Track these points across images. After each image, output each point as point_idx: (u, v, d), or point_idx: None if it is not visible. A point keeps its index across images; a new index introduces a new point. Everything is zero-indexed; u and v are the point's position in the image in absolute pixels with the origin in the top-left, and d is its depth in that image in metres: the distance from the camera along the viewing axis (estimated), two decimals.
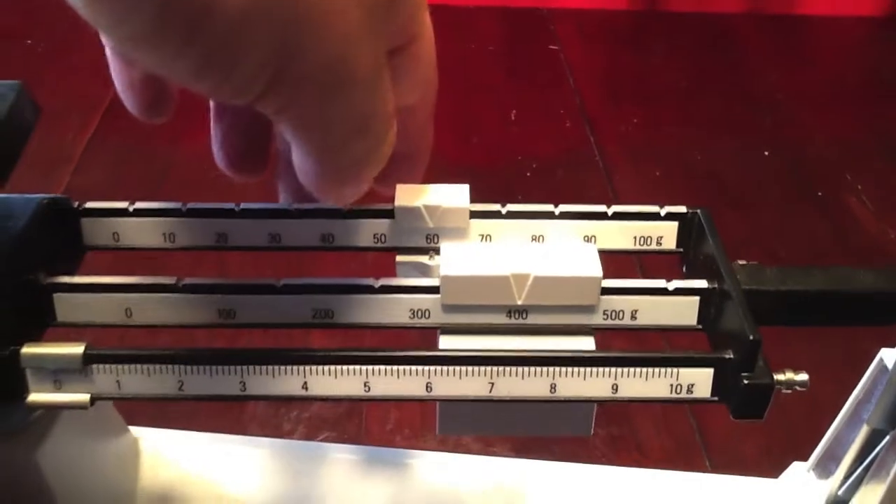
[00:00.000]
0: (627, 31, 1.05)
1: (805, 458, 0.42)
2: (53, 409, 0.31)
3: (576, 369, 0.27)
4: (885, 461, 0.36)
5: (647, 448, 0.49)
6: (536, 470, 0.42)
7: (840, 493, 0.40)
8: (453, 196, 0.31)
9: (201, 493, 0.40)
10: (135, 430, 0.40)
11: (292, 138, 0.24)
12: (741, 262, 0.31)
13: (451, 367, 0.27)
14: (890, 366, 0.36)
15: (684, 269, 0.33)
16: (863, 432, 0.38)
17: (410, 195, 0.31)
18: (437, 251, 0.31)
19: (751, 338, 0.26)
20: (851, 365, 0.38)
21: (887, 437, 0.36)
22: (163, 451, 0.40)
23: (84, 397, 0.27)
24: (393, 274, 0.31)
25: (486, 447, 0.43)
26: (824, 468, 0.41)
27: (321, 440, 0.45)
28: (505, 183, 0.75)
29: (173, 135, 0.80)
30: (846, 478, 0.39)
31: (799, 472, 0.43)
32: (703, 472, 0.49)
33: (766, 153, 0.83)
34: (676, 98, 0.91)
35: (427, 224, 0.31)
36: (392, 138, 0.26)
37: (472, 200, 0.31)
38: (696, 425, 0.50)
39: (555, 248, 0.29)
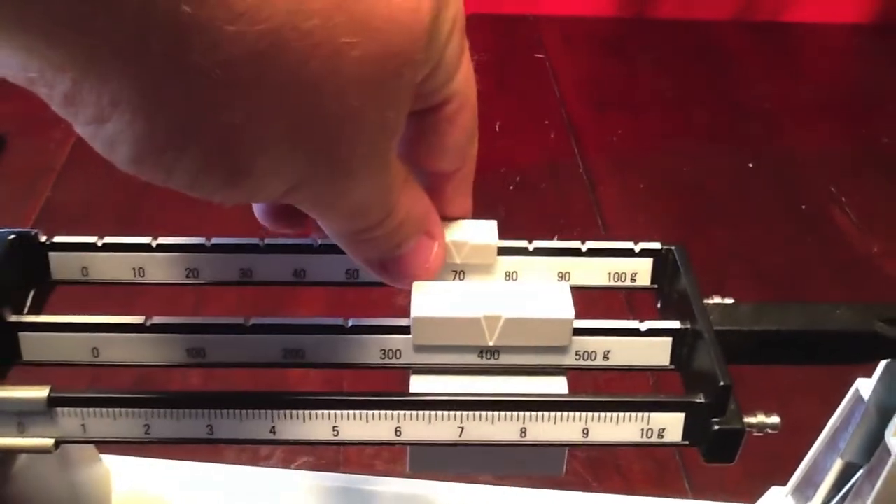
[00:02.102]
0: (614, 38, 1.05)
1: (784, 482, 0.42)
2: (15, 453, 0.30)
3: (546, 413, 0.27)
4: (861, 491, 0.36)
5: (627, 471, 0.49)
6: (516, 497, 0.42)
7: None
8: (481, 232, 0.31)
9: None
10: (107, 459, 0.40)
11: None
12: (716, 298, 0.31)
13: (420, 412, 0.27)
14: (865, 396, 0.36)
15: (659, 305, 0.32)
16: (839, 461, 0.38)
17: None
18: None
19: (721, 383, 0.26)
20: (834, 387, 0.38)
21: (862, 470, 0.36)
22: (136, 481, 0.40)
23: (48, 441, 0.27)
24: (367, 312, 0.30)
25: (468, 474, 0.43)
26: (802, 494, 0.41)
27: (298, 466, 0.45)
28: (489, 196, 0.75)
29: None
30: None
31: (777, 497, 0.43)
32: (683, 495, 0.49)
33: (751, 165, 0.83)
34: (662, 108, 0.91)
35: (454, 260, 0.30)
36: (397, 221, 0.25)
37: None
38: (677, 449, 0.50)
39: (527, 288, 0.29)
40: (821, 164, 0.84)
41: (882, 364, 0.34)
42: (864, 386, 0.36)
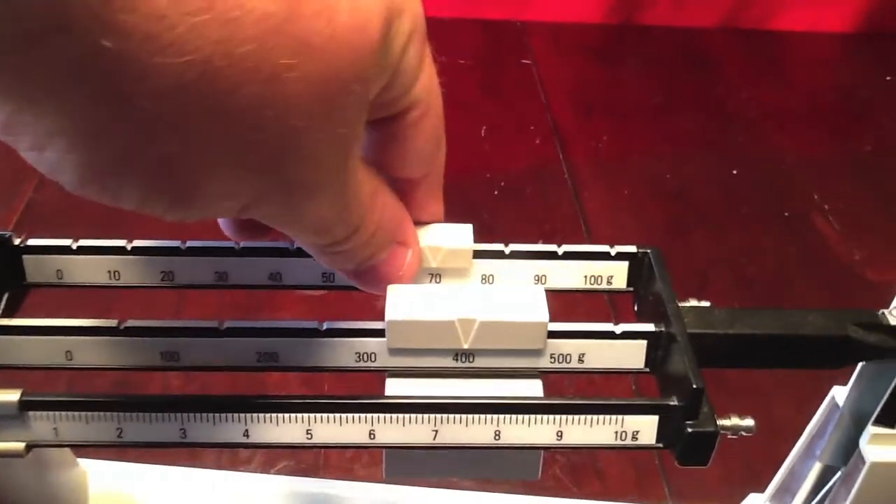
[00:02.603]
0: (601, 45, 1.05)
1: (763, 487, 0.43)
2: None
3: (520, 416, 0.27)
4: (837, 497, 0.36)
5: (607, 476, 0.49)
6: (498, 502, 0.42)
7: None
8: (456, 236, 0.31)
9: None
10: (83, 463, 0.40)
11: None
12: (692, 301, 0.31)
13: (394, 415, 0.27)
14: (841, 403, 0.36)
15: (635, 308, 0.32)
16: (816, 467, 0.38)
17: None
18: None
19: (694, 386, 0.26)
20: (812, 393, 0.38)
21: (839, 473, 0.36)
22: (113, 485, 0.40)
23: (19, 445, 0.27)
24: (347, 313, 0.30)
25: (445, 480, 0.43)
26: (780, 500, 0.42)
27: (278, 470, 0.44)
28: (473, 201, 0.75)
29: None
30: None
31: (756, 503, 0.43)
32: (663, 500, 0.49)
33: (735, 172, 0.83)
34: (648, 114, 0.92)
35: (430, 264, 0.30)
36: (367, 234, 0.25)
37: (446, 221, 0.31)
38: (657, 454, 0.51)
39: (501, 292, 0.29)
40: (805, 171, 0.84)
41: (856, 371, 0.34)
42: (840, 393, 0.36)
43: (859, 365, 0.33)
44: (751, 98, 0.97)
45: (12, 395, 0.26)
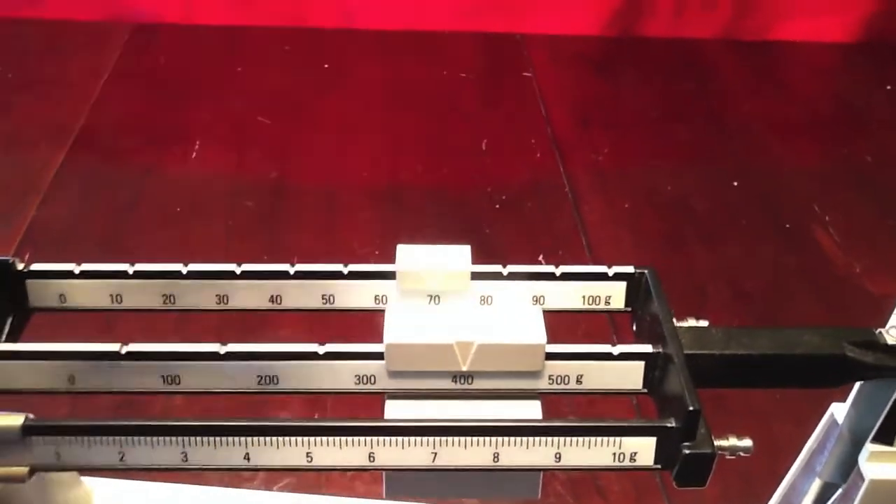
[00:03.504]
0: (600, 57, 1.05)
1: (762, 502, 0.43)
2: None
3: (519, 439, 0.27)
4: None
5: (607, 491, 0.49)
6: None
7: None
8: (454, 258, 0.31)
9: None
10: (87, 481, 0.40)
11: None
12: (690, 320, 0.31)
13: (393, 438, 0.27)
14: (840, 420, 0.36)
15: (634, 328, 0.33)
16: (816, 484, 0.38)
17: (412, 257, 0.31)
18: None
19: (690, 408, 0.26)
20: (811, 410, 0.38)
21: (839, 490, 0.36)
22: (117, 502, 0.40)
23: (22, 470, 0.27)
24: (341, 337, 0.31)
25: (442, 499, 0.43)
26: None
27: (281, 488, 0.45)
28: (474, 215, 0.75)
29: (142, 166, 0.80)
30: None
31: None
32: None
33: (736, 183, 0.83)
34: (647, 126, 0.92)
35: (429, 286, 0.31)
36: None
37: (444, 234, 0.31)
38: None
39: (499, 314, 0.29)
40: (805, 182, 0.85)
41: (854, 389, 0.34)
42: (839, 410, 0.36)
43: (856, 386, 0.34)
44: (750, 109, 0.97)
45: (16, 420, 0.26)
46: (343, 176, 0.82)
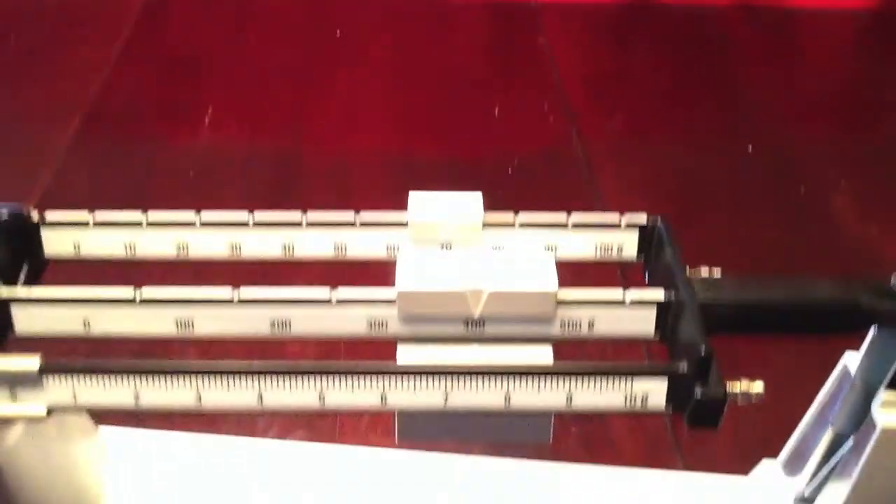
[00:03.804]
0: (614, 24, 1.04)
1: (775, 454, 0.43)
2: (9, 422, 0.31)
3: (530, 381, 0.27)
4: (848, 463, 0.36)
5: (619, 446, 0.49)
6: (509, 468, 0.43)
7: (807, 493, 0.40)
8: (467, 205, 0.31)
9: (172, 492, 0.40)
10: (104, 430, 0.40)
11: None
12: (703, 268, 0.31)
13: (406, 380, 0.27)
14: (853, 370, 0.36)
15: (646, 277, 0.33)
16: (828, 434, 0.38)
17: (423, 204, 0.31)
18: None
19: (702, 352, 0.26)
20: (825, 360, 0.38)
21: (851, 440, 0.36)
22: (133, 452, 0.41)
23: (40, 409, 0.27)
24: (354, 283, 0.31)
25: (460, 445, 0.43)
26: (793, 466, 0.42)
27: (294, 439, 0.45)
28: (486, 180, 0.75)
29: (155, 138, 0.80)
30: (813, 477, 0.40)
31: (769, 469, 0.43)
32: (676, 469, 0.49)
33: (750, 148, 0.83)
34: (661, 93, 0.91)
35: (440, 234, 0.31)
36: None
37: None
38: (669, 422, 0.51)
39: (511, 260, 0.29)
40: (821, 148, 0.84)
41: (868, 337, 0.34)
42: (852, 360, 0.36)
43: (871, 331, 0.33)
44: (766, 75, 0.96)
45: (33, 361, 0.27)
46: (355, 144, 0.82)
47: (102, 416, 0.39)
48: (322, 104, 0.87)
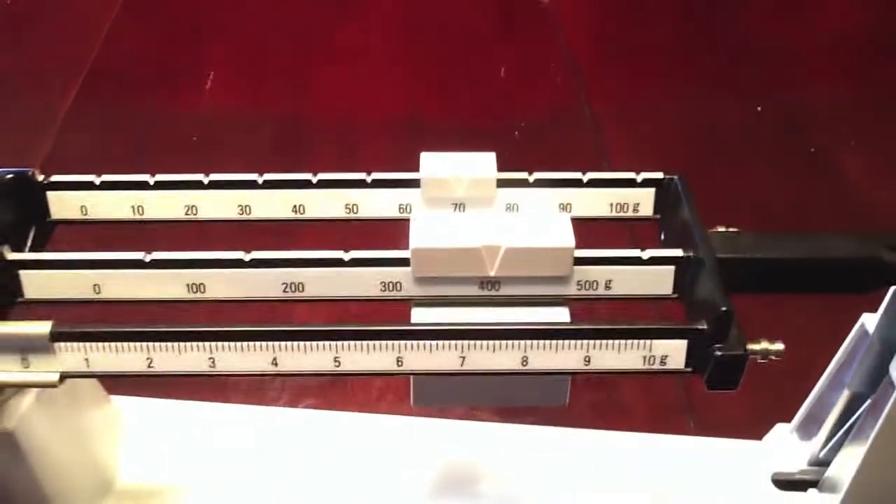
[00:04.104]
0: None
1: (789, 419, 0.43)
2: (21, 388, 0.30)
3: (547, 342, 0.27)
4: (865, 425, 0.36)
5: (632, 411, 0.49)
6: (521, 434, 0.43)
7: (822, 455, 0.40)
8: (480, 164, 0.30)
9: (185, 460, 0.40)
10: (116, 399, 0.40)
11: None
12: (720, 228, 0.31)
13: (421, 342, 0.27)
14: (871, 331, 0.35)
15: (662, 236, 0.32)
16: (844, 396, 0.38)
17: (436, 164, 0.30)
18: None
19: (723, 309, 0.26)
20: (839, 324, 0.37)
21: (867, 401, 0.36)
22: (145, 421, 0.40)
23: (52, 376, 0.27)
24: (366, 244, 0.30)
25: (470, 412, 0.43)
26: (807, 430, 0.41)
27: (306, 406, 0.45)
28: (493, 143, 0.74)
29: (158, 98, 0.79)
30: (828, 440, 0.40)
31: (782, 433, 0.43)
32: (689, 434, 0.49)
33: (760, 108, 0.82)
34: (670, 50, 0.90)
35: (454, 194, 0.30)
36: None
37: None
38: (682, 387, 0.51)
39: (527, 218, 0.29)
40: (832, 106, 0.83)
41: (888, 297, 0.34)
42: (870, 321, 0.36)
43: (891, 290, 0.33)
44: (776, 31, 0.94)
45: (43, 327, 0.26)
46: (361, 106, 0.81)
47: (114, 385, 0.39)
48: (326, 65, 0.86)
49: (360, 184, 0.31)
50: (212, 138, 0.75)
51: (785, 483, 0.41)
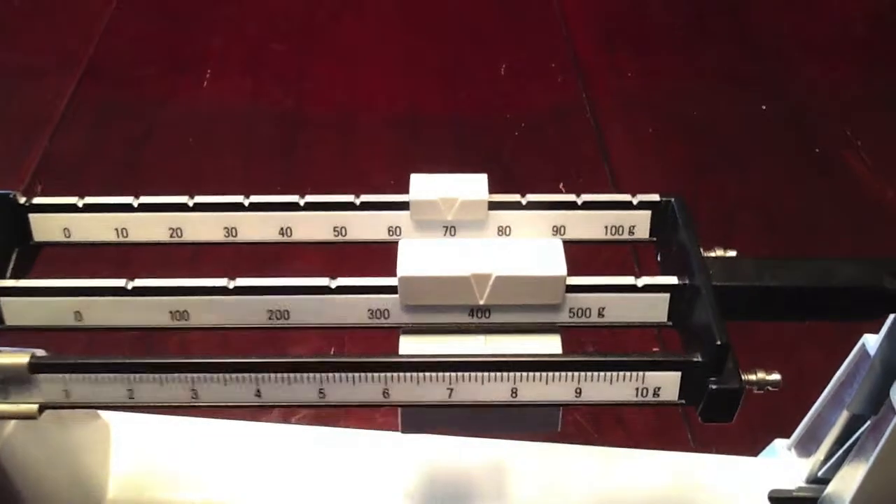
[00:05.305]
0: None
1: (787, 433, 0.42)
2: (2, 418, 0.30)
3: (537, 374, 0.26)
4: (865, 446, 0.35)
5: (629, 424, 0.49)
6: (516, 451, 0.42)
7: (820, 473, 0.39)
8: (471, 187, 0.30)
9: (175, 477, 0.40)
10: (105, 416, 0.40)
11: None
12: (718, 250, 0.30)
13: (408, 374, 0.26)
14: (872, 351, 0.35)
15: (658, 259, 0.31)
16: (844, 416, 0.37)
17: (426, 186, 0.30)
18: None
19: (718, 342, 0.25)
20: (839, 338, 0.37)
21: (868, 423, 0.35)
22: (135, 437, 0.40)
23: (32, 407, 0.26)
24: (355, 267, 0.29)
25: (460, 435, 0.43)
26: (805, 448, 0.41)
27: (297, 420, 0.44)
28: (493, 142, 0.73)
29: (155, 96, 0.78)
30: (826, 459, 0.39)
31: (780, 449, 0.42)
32: (686, 447, 0.49)
33: (764, 107, 0.80)
34: (673, 48, 0.88)
35: (444, 217, 0.30)
36: None
37: (463, 163, 0.30)
38: None
39: (518, 245, 0.28)
40: (836, 105, 0.81)
41: (889, 320, 0.33)
42: (871, 341, 0.35)
43: (892, 316, 0.32)
44: (780, 28, 0.93)
45: (22, 358, 0.26)
46: (359, 103, 0.80)
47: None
48: (324, 61, 0.85)
49: (349, 206, 0.30)
50: (209, 134, 0.74)
51: (782, 501, 0.40)
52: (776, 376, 0.27)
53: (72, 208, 0.30)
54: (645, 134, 0.76)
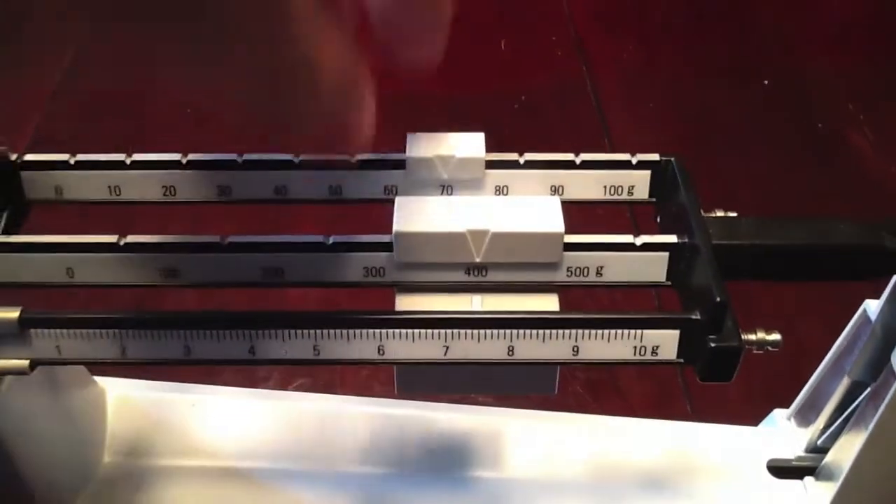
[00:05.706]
0: None
1: (787, 404, 0.42)
2: None
3: (534, 331, 0.26)
4: (865, 413, 0.35)
5: (628, 393, 0.49)
6: (516, 418, 0.42)
7: (819, 442, 0.39)
8: (468, 145, 0.29)
9: (171, 443, 0.39)
10: (100, 381, 0.39)
11: None
12: (718, 212, 0.30)
13: (403, 330, 0.26)
14: (873, 317, 0.34)
15: (658, 219, 0.31)
16: (844, 383, 0.37)
17: (423, 144, 0.29)
18: None
19: (717, 300, 0.25)
20: (840, 308, 0.36)
21: (868, 390, 0.35)
22: (130, 402, 0.40)
23: (23, 363, 0.26)
24: (351, 227, 0.29)
25: (465, 395, 0.43)
26: (804, 417, 0.41)
27: (295, 387, 0.44)
28: (492, 116, 0.73)
29: (147, 83, 0.78)
30: (826, 427, 0.39)
31: (779, 419, 0.42)
32: (685, 417, 0.48)
33: (766, 83, 0.80)
34: (675, 24, 0.88)
35: (441, 175, 0.29)
36: None
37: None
38: (679, 370, 0.50)
39: (515, 202, 0.28)
40: (839, 82, 0.81)
41: (891, 284, 0.33)
42: (872, 307, 0.35)
43: (894, 277, 0.32)
44: (783, 5, 0.92)
45: (12, 313, 0.26)
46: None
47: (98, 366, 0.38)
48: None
49: (345, 164, 0.30)
50: (205, 107, 0.73)
51: (781, 470, 0.40)
52: (776, 336, 0.27)
53: (63, 165, 0.30)
54: (645, 111, 0.76)
